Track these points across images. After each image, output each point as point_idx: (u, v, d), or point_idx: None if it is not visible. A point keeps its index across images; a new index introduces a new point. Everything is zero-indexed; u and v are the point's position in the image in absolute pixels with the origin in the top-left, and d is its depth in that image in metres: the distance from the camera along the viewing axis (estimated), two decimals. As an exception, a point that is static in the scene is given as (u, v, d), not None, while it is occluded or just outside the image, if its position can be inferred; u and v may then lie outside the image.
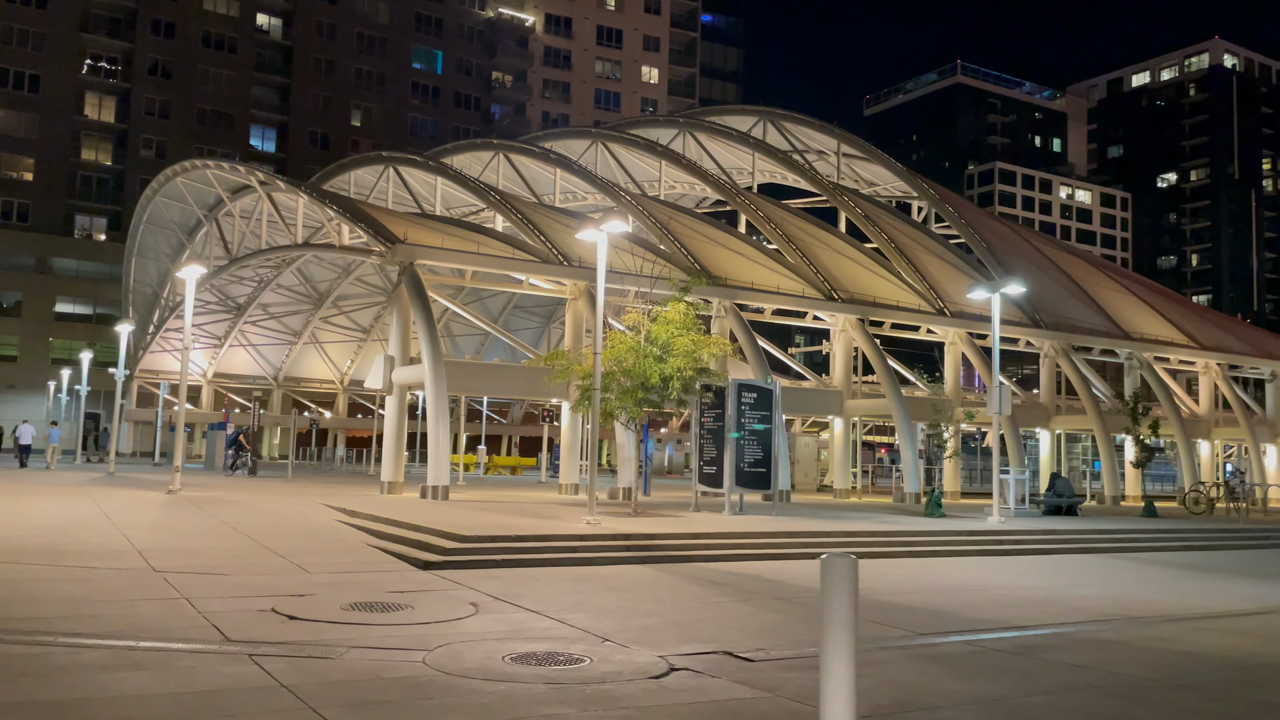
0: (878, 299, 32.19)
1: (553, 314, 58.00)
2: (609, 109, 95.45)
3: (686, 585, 12.58)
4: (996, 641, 9.52)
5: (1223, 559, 18.80)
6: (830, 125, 46.53)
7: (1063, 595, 12.97)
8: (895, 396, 29.31)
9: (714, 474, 20.70)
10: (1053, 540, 19.18)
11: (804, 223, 36.50)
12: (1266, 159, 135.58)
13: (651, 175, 44.40)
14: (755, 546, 16.04)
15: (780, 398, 21.13)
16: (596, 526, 16.24)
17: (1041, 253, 41.11)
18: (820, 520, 19.62)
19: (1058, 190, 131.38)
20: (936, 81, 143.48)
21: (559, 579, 12.73)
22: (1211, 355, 39.31)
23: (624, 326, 21.84)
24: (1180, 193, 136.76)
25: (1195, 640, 9.80)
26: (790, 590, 12.48)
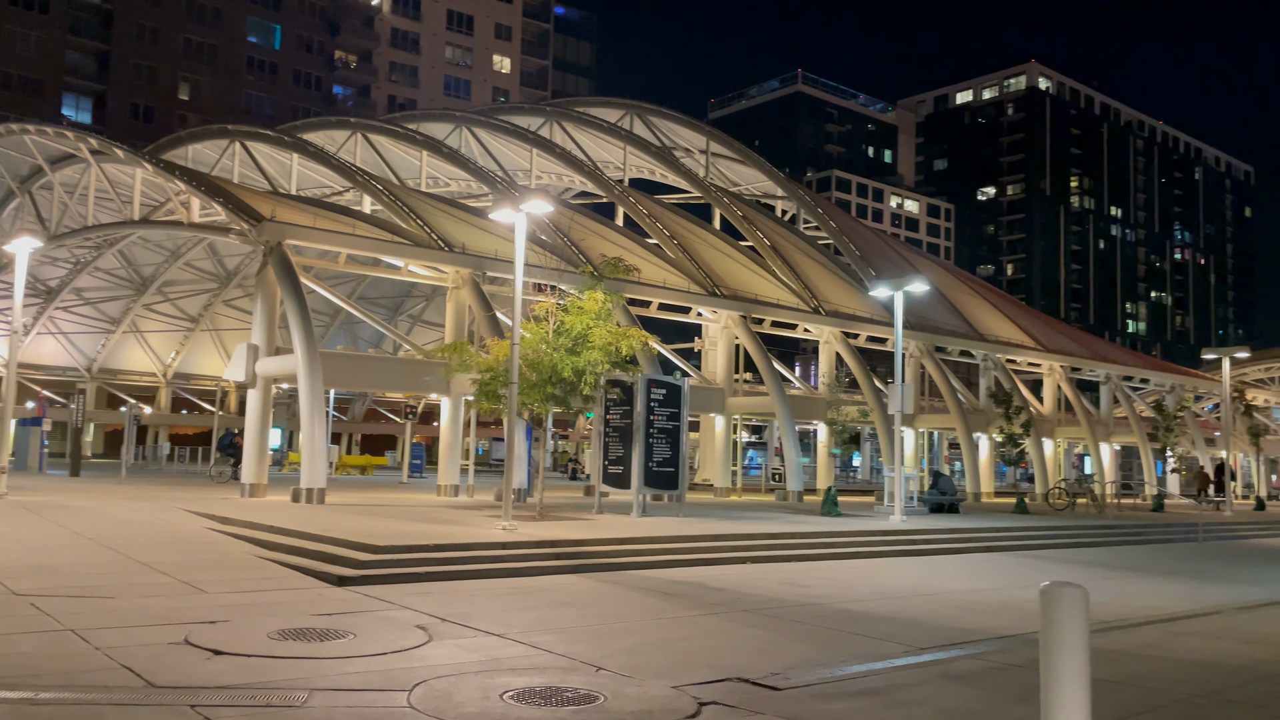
0: (759, 297, 32.02)
1: (400, 306, 55.52)
2: (459, 96, 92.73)
3: (639, 598, 11.57)
4: (1001, 655, 8.99)
5: (1118, 556, 19.33)
6: (699, 123, 46.44)
7: (1015, 599, 12.72)
8: (779, 395, 29.17)
9: (620, 474, 19.73)
10: (958, 539, 19.24)
11: (682, 219, 36.04)
12: (1075, 177, 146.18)
13: (520, 164, 42.99)
14: (684, 552, 15.18)
15: (689, 395, 20.38)
16: (514, 533, 14.99)
17: (903, 257, 42.25)
18: (732, 522, 18.99)
19: (889, 199, 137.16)
20: (779, 89, 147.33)
21: (498, 594, 11.47)
22: (1055, 358, 41.40)
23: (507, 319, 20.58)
24: (998, 206, 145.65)
25: (1186, 646, 9.59)
26: (750, 600, 11.68)
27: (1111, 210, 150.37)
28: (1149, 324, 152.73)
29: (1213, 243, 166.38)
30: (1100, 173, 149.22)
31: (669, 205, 38.17)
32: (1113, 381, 44.32)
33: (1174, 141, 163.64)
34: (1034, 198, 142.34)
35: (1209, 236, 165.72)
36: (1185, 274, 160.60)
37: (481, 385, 18.68)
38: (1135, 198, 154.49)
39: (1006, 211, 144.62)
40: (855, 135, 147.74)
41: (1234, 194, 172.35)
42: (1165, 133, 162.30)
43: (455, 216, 29.44)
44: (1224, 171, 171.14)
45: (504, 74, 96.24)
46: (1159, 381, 49.19)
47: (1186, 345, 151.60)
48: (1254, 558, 20.40)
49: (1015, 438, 29.71)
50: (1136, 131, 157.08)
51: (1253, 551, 21.85)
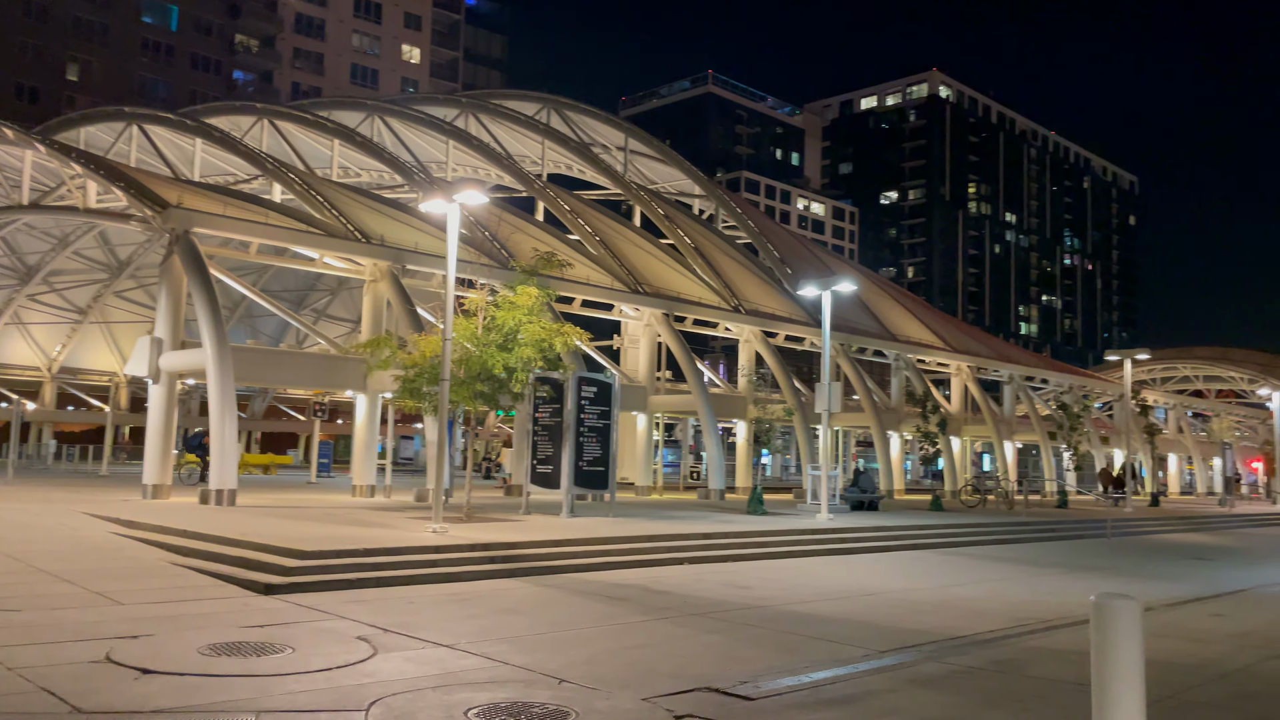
0: (681, 295, 31.92)
1: (303, 300, 53.76)
2: (366, 85, 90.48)
3: (586, 603, 11.22)
4: (959, 657, 8.94)
5: (1038, 552, 19.78)
6: (618, 119, 46.15)
7: (954, 598, 12.80)
8: (701, 393, 29.10)
9: (549, 474, 19.31)
10: (885, 537, 19.42)
11: (602, 216, 35.70)
12: (972, 183, 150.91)
13: (435, 156, 41.99)
14: (622, 553, 14.88)
15: (620, 393, 20.06)
16: (445, 536, 14.45)
17: (819, 259, 42.75)
18: (664, 522, 18.76)
19: (796, 201, 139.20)
20: (689, 89, 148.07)
21: (437, 600, 10.98)
22: (963, 358, 42.46)
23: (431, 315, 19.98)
24: (900, 209, 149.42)
25: (1134, 643, 9.69)
26: (697, 603, 11.44)
27: (1007, 216, 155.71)
28: (1040, 326, 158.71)
29: (1100, 249, 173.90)
30: (996, 179, 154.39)
31: (589, 201, 37.77)
32: (1015, 381, 45.72)
33: (1065, 151, 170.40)
34: (934, 202, 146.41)
35: (1096, 243, 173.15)
36: (1074, 279, 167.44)
37: (405, 382, 18.04)
38: (1028, 204, 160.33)
39: (908, 215, 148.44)
40: (764, 137, 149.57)
41: (1119, 203, 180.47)
42: (1057, 143, 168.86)
43: (371, 207, 28.52)
44: (1111, 181, 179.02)
45: (413, 64, 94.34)
46: (1057, 381, 50.98)
47: (1074, 347, 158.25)
48: (1163, 553, 21.13)
49: (931, 436, 30.29)
50: (1030, 140, 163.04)
51: (1160, 547, 22.66)
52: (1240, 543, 25.09)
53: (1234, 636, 10.28)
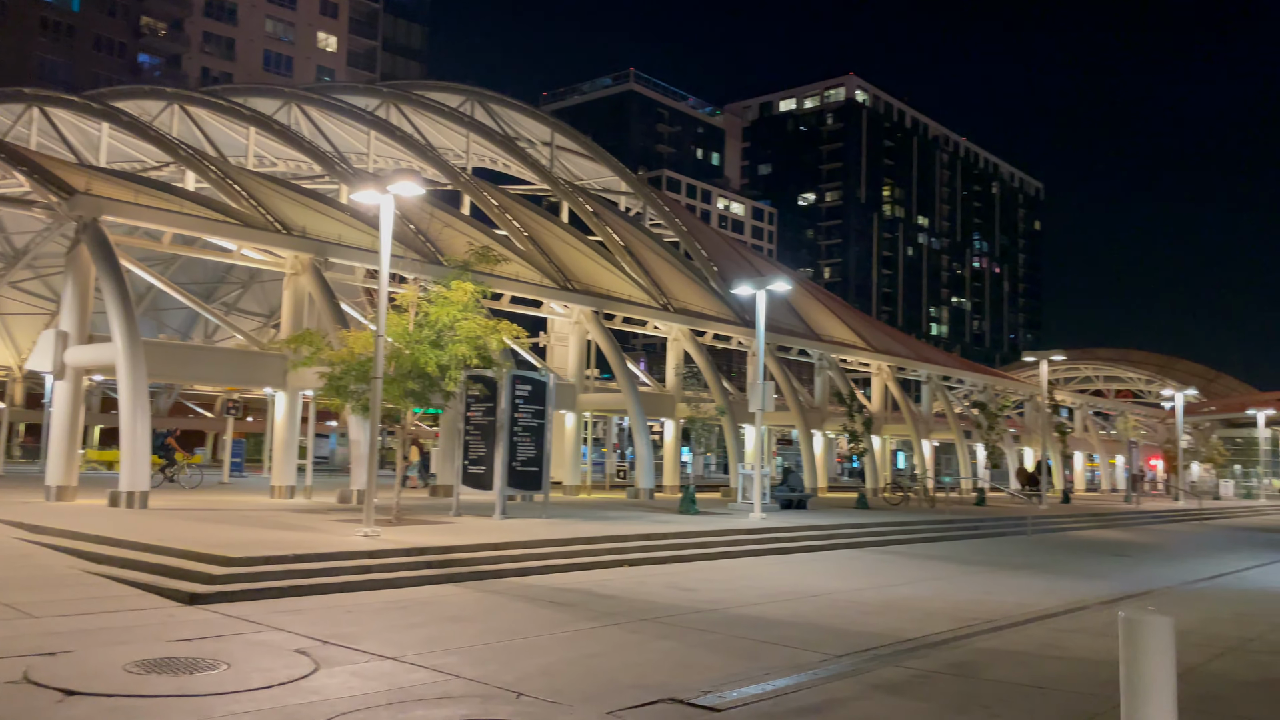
0: (611, 293, 31.66)
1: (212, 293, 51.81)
2: (280, 72, 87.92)
3: (532, 609, 10.89)
4: (916, 660, 8.89)
5: (965, 550, 20.09)
6: (544, 114, 45.67)
7: (895, 599, 12.83)
8: (631, 391, 28.90)
9: (482, 474, 18.84)
10: (819, 536, 19.48)
11: (530, 211, 35.19)
12: (887, 187, 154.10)
13: (355, 147, 40.91)
14: (561, 556, 14.56)
15: (554, 391, 19.70)
16: (378, 540, 13.94)
17: (745, 259, 42.93)
18: (599, 523, 18.48)
19: (716, 201, 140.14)
20: (611, 86, 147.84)
21: (376, 609, 10.52)
22: (884, 358, 43.14)
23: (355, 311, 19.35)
24: (818, 211, 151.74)
25: (1082, 645, 9.82)
26: (644, 608, 11.20)
27: (919, 219, 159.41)
28: (950, 327, 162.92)
29: (1007, 253, 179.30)
30: (910, 183, 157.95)
31: (515, 196, 37.22)
32: (933, 381, 46.66)
33: (975, 157, 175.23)
34: (850, 204, 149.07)
35: (1004, 247, 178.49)
36: (983, 281, 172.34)
37: (331, 379, 17.37)
38: (940, 208, 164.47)
39: (825, 217, 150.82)
40: (685, 136, 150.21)
41: (1026, 208, 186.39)
42: (967, 148, 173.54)
43: (291, 198, 27.53)
44: (1018, 187, 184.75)
45: (329, 53, 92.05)
46: (972, 381, 52.24)
47: (982, 347, 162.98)
48: (1083, 550, 21.68)
49: (857, 435, 30.63)
50: (942, 146, 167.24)
51: (1078, 544, 23.26)
52: (1152, 539, 25.95)
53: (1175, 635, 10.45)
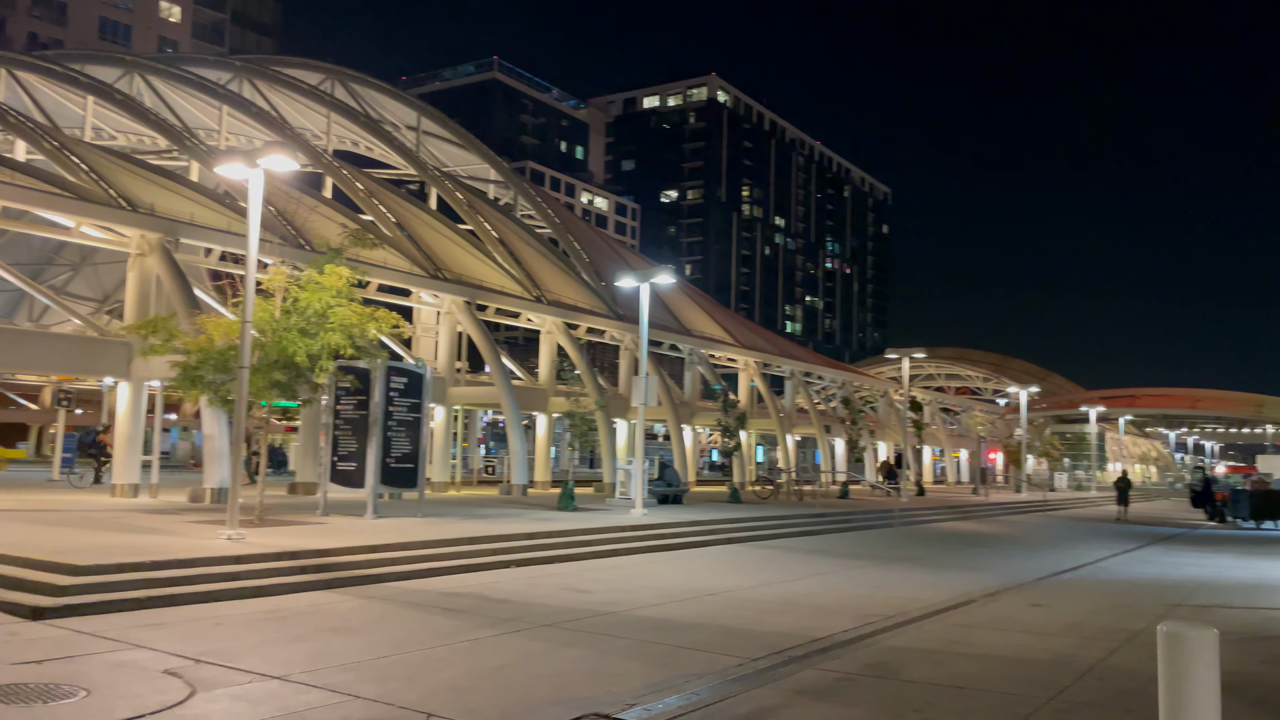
0: (483, 283, 30.73)
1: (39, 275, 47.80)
2: (117, 42, 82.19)
3: (424, 617, 10.16)
4: (832, 662, 8.68)
5: (843, 543, 20.31)
6: (411, 97, 44.10)
7: (792, 595, 12.69)
8: (505, 385, 28.10)
9: (352, 471, 17.79)
10: (701, 532, 19.30)
11: (397, 196, 33.83)
12: (746, 187, 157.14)
13: (205, 123, 38.38)
14: (443, 558, 13.79)
15: (431, 384, 18.80)
16: (243, 543, 12.85)
17: (618, 253, 42.64)
18: (479, 522, 17.73)
19: (580, 195, 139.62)
20: (474, 74, 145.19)
21: (251, 621, 9.58)
22: (751, 354, 43.67)
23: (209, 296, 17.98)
24: (680, 209, 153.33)
25: (985, 641, 9.84)
26: (542, 612, 10.64)
27: (776, 220, 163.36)
28: (803, 325, 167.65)
29: (857, 255, 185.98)
30: (768, 185, 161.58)
31: (381, 181, 35.74)
32: (796, 377, 47.59)
33: (828, 161, 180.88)
34: (711, 203, 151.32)
35: (854, 249, 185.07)
36: (834, 281, 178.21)
37: (186, 369, 16.03)
38: (796, 210, 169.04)
39: (687, 214, 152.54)
40: (549, 129, 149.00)
41: (875, 212, 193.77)
42: (822, 152, 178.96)
43: (136, 173, 25.47)
44: (868, 191, 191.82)
45: (173, 23, 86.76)
46: (832, 378, 53.61)
47: (833, 345, 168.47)
48: (951, 541, 22.33)
49: (730, 430, 30.76)
50: (799, 149, 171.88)
51: (944, 535, 23.97)
52: (1009, 530, 27.04)
53: (1067, 628, 10.66)
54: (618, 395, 36.02)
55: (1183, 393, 68.50)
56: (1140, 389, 70.78)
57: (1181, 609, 12.21)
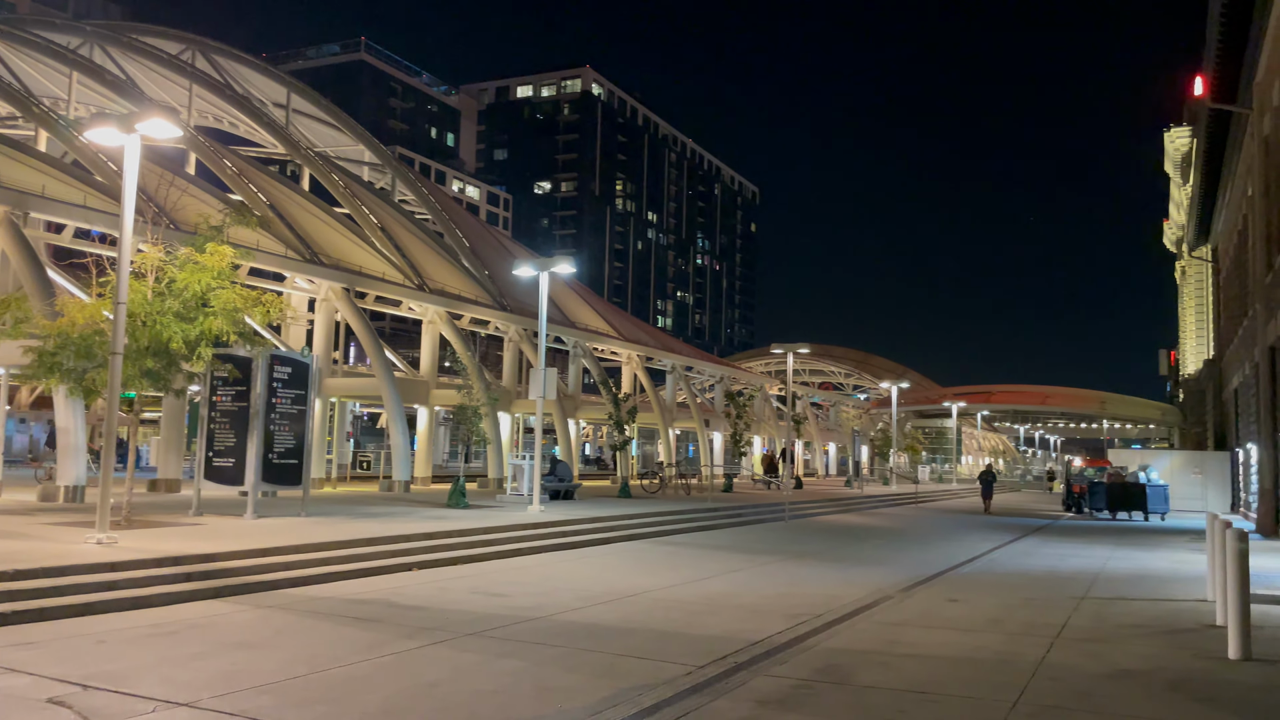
0: (363, 269, 29.34)
1: None
2: (-57, 0, 75.56)
3: (335, 629, 9.32)
4: (779, 667, 8.35)
5: (741, 538, 20.18)
6: (280, 73, 41.89)
7: (714, 595, 12.36)
8: (387, 376, 26.89)
9: (231, 467, 16.50)
10: (603, 529, 18.82)
11: (268, 176, 31.99)
12: (620, 181, 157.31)
13: (52, 90, 35.51)
14: (340, 561, 12.86)
15: (317, 375, 17.64)
16: (115, 547, 11.63)
17: (500, 242, 41.66)
18: (370, 521, 16.74)
19: (451, 183, 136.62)
20: (340, 55, 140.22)
21: (137, 637, 8.56)
22: (634, 348, 43.43)
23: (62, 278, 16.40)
24: (553, 200, 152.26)
25: (923, 641, 9.70)
26: (461, 620, 9.94)
27: (649, 215, 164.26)
28: (674, 320, 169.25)
29: (726, 252, 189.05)
30: (641, 180, 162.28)
31: (250, 159, 33.76)
32: (677, 371, 47.65)
33: (700, 158, 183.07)
34: (585, 196, 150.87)
35: (723, 246, 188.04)
36: (704, 278, 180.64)
37: (42, 355, 14.50)
38: (668, 206, 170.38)
39: (560, 207, 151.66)
40: (418, 114, 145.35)
41: (744, 210, 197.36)
42: (694, 150, 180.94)
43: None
44: (737, 190, 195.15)
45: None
46: (711, 372, 53.98)
47: (703, 340, 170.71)
48: (843, 535, 22.52)
49: (621, 423, 30.36)
50: (671, 145, 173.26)
51: (837, 529, 24.20)
52: (891, 522, 27.60)
53: (991, 624, 10.67)
54: (502, 388, 35.15)
55: (1035, 390, 72.17)
56: (996, 386, 74.22)
57: (1088, 601, 12.46)
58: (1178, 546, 21.28)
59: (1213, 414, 47.57)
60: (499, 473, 30.04)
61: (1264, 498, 26.97)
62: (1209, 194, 40.85)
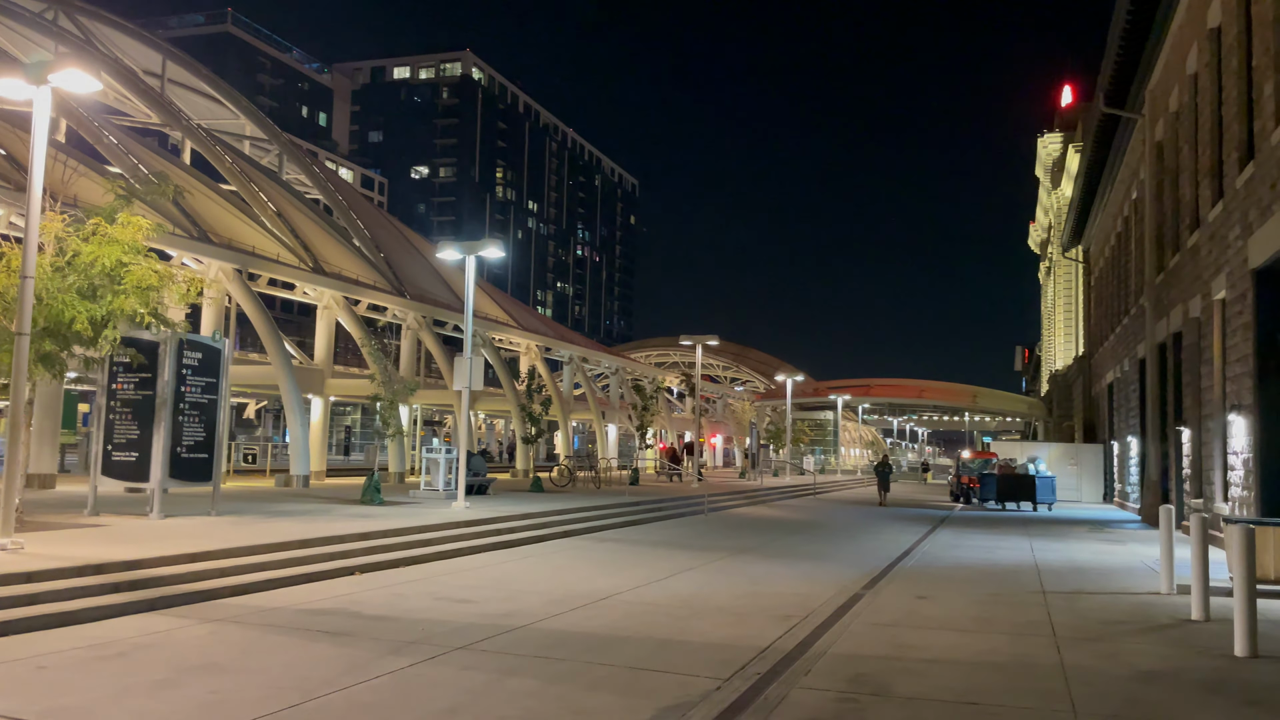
0: (255, 249, 27.51)
1: None
2: None
3: (304, 645, 8.33)
4: (805, 678, 7.87)
5: (672, 532, 19.71)
6: (155, 38, 39.04)
7: (684, 596, 11.83)
8: (284, 364, 25.26)
9: (133, 462, 14.96)
10: (535, 525, 18.03)
11: (145, 148, 29.67)
12: (500, 169, 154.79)
13: (-108, 43, 32.05)
14: (276, 566, 11.72)
15: (229, 360, 16.20)
16: (22, 553, 10.25)
17: (395, 226, 40.00)
18: (289, 521, 15.49)
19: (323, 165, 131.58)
20: (204, 25, 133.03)
21: (80, 661, 7.42)
22: (532, 337, 42.47)
23: None
24: (431, 186, 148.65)
25: (929, 644, 9.41)
26: (439, 631, 9.11)
27: (529, 204, 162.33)
28: (554, 311, 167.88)
29: (606, 243, 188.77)
30: (521, 168, 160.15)
31: (126, 130, 31.28)
32: (575, 362, 46.92)
33: (580, 148, 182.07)
34: (464, 183, 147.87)
35: (603, 237, 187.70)
36: (585, 269, 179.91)
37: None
38: (548, 195, 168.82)
39: (439, 193, 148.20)
40: (288, 92, 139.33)
41: (624, 202, 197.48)
42: (574, 139, 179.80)
43: None
44: (617, 181, 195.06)
45: None
46: (607, 364, 53.43)
47: (582, 331, 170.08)
48: (770, 529, 22.33)
49: (536, 416, 29.43)
50: (552, 134, 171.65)
51: (758, 522, 24.02)
52: (804, 514, 27.67)
53: (980, 623, 10.48)
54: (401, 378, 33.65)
55: (912, 383, 74.45)
56: (874, 379, 76.22)
57: (1053, 596, 12.47)
58: (1083, 537, 21.96)
59: (1082, 408, 50.02)
60: (401, 466, 28.75)
61: (1150, 489, 28.24)
62: (1087, 197, 42.67)
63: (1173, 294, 25.44)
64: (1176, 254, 24.90)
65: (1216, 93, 20.63)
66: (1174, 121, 25.43)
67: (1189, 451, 23.39)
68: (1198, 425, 22.74)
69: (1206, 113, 21.14)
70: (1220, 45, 20.00)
